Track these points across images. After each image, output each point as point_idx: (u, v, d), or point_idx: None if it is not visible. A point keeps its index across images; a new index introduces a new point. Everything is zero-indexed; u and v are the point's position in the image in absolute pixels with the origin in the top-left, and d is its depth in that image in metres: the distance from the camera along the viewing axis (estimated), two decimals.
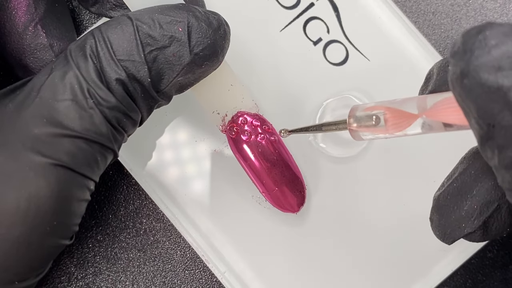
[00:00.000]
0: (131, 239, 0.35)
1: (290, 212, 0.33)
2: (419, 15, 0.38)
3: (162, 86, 0.27)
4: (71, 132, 0.25)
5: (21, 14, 0.29)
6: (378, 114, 0.25)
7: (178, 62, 0.27)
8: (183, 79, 0.27)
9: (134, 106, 0.27)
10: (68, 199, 0.26)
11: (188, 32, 0.26)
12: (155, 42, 0.26)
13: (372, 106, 0.26)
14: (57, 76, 0.26)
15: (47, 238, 0.26)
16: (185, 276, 0.36)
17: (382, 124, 0.25)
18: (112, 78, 0.26)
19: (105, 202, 0.36)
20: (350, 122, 0.26)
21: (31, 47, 0.30)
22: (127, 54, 0.26)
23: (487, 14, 0.38)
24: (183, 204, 0.34)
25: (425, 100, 0.23)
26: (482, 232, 0.25)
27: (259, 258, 0.34)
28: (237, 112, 0.32)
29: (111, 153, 0.27)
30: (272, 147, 0.32)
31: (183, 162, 0.34)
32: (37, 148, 0.25)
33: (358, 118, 0.26)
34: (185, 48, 0.26)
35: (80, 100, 0.25)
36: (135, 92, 0.26)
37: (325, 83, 0.34)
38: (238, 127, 0.32)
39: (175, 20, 0.26)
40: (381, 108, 0.25)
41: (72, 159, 0.26)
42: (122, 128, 0.27)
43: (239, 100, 0.31)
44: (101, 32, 0.26)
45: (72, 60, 0.26)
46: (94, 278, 0.35)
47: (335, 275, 0.34)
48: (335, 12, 0.34)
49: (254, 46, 0.34)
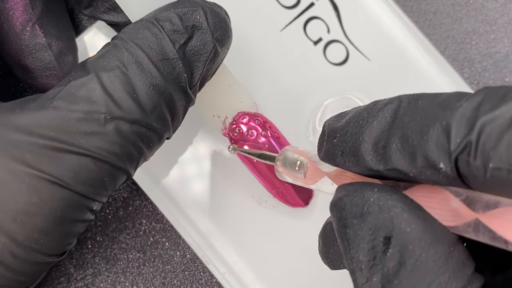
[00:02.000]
0: (131, 240, 0.35)
1: (300, 206, 0.33)
2: (420, 15, 0.38)
3: (194, 81, 0.26)
4: (77, 149, 0.24)
5: (18, 14, 0.29)
6: (303, 161, 0.26)
7: (204, 50, 0.26)
8: (205, 71, 0.27)
9: (165, 114, 0.25)
10: (62, 219, 0.24)
11: (206, 18, 0.26)
12: (181, 36, 0.26)
13: (301, 151, 0.27)
14: (74, 87, 0.24)
15: (33, 255, 0.25)
16: (185, 277, 0.35)
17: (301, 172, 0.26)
18: (147, 84, 0.24)
19: (105, 203, 0.36)
20: (278, 159, 0.28)
21: (30, 47, 0.29)
22: (161, 54, 0.25)
23: (488, 14, 0.38)
24: (183, 204, 0.34)
25: None
26: None
27: (259, 258, 0.34)
28: (237, 113, 0.32)
29: (123, 174, 0.26)
30: (276, 144, 0.32)
31: (183, 162, 0.34)
32: (36, 160, 0.24)
33: (286, 159, 0.27)
34: (207, 34, 0.26)
35: (94, 113, 0.24)
36: (174, 93, 0.25)
37: (325, 83, 0.34)
38: (239, 128, 0.32)
39: (191, 9, 0.26)
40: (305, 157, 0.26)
41: (73, 178, 0.24)
42: (145, 145, 0.25)
43: (238, 101, 0.31)
44: (124, 41, 0.25)
45: (93, 72, 0.24)
46: (94, 279, 0.35)
47: (335, 275, 0.34)
48: (336, 12, 0.34)
49: (254, 46, 0.34)
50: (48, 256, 0.26)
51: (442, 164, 0.18)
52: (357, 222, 0.20)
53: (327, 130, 0.23)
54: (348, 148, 0.21)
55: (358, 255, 0.19)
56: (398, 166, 0.19)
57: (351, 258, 0.20)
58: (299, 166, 0.26)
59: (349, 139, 0.21)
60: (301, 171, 0.26)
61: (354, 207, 0.20)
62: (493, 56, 0.38)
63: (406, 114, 0.20)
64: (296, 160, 0.26)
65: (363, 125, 0.21)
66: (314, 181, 0.26)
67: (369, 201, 0.19)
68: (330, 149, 0.22)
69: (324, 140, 0.23)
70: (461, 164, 0.18)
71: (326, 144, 0.22)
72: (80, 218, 0.25)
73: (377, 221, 0.19)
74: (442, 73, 0.34)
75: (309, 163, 0.26)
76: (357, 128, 0.21)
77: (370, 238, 0.19)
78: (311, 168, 0.26)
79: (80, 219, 0.25)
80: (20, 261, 0.25)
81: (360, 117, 0.21)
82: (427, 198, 0.20)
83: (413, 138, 0.19)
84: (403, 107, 0.20)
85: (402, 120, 0.20)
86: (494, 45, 0.38)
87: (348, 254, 0.20)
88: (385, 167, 0.20)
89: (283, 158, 0.27)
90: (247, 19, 0.34)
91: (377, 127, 0.20)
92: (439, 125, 0.18)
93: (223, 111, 0.31)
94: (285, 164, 0.27)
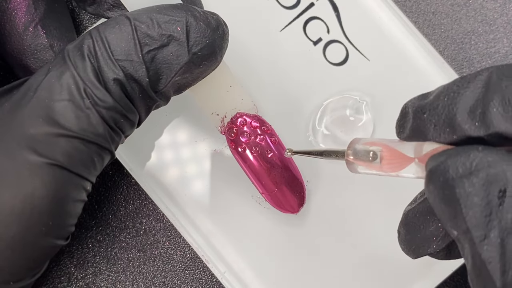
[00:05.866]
0: (131, 239, 0.35)
1: (290, 212, 0.33)
2: (419, 15, 0.38)
3: (160, 86, 0.27)
4: (68, 132, 0.25)
5: (21, 14, 0.29)
6: (376, 150, 0.26)
7: (176, 62, 0.26)
8: (181, 79, 0.27)
9: (131, 107, 0.27)
10: (64, 199, 0.26)
11: (187, 32, 0.26)
12: (154, 42, 0.26)
13: (372, 141, 0.26)
14: (54, 76, 0.26)
15: (42, 238, 0.26)
16: (185, 276, 0.36)
17: (377, 161, 0.25)
18: (110, 78, 0.26)
19: (105, 202, 0.36)
20: (348, 153, 0.27)
21: (32, 47, 0.29)
22: (125, 54, 0.26)
23: (487, 14, 0.38)
24: (183, 204, 0.34)
25: (422, 146, 0.23)
26: (445, 253, 0.25)
27: (259, 258, 0.34)
28: (236, 113, 0.32)
29: (108, 153, 0.27)
30: (271, 148, 0.32)
31: (183, 162, 0.34)
32: (33, 147, 0.25)
33: (356, 151, 0.26)
34: (183, 48, 0.26)
35: (77, 100, 0.25)
36: (133, 92, 0.26)
37: (325, 83, 0.34)
38: (237, 128, 0.32)
39: (174, 19, 0.26)
40: (379, 145, 0.26)
41: (68, 159, 0.25)
42: (119, 129, 0.27)
43: (238, 101, 0.31)
44: (99, 32, 0.26)
45: (70, 60, 0.26)
46: (94, 278, 0.35)
47: (335, 275, 0.34)
48: (335, 12, 0.34)
49: (254, 46, 0.34)
50: (56, 239, 0.27)
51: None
52: (467, 180, 0.19)
53: (411, 108, 0.23)
54: (442, 120, 0.21)
55: (474, 213, 0.19)
56: (500, 129, 0.19)
57: (464, 218, 0.19)
58: (372, 156, 0.25)
59: (442, 111, 0.21)
60: (377, 160, 0.25)
61: (461, 167, 0.20)
62: (492, 56, 0.38)
63: (502, 80, 0.20)
64: (369, 150, 0.26)
65: (455, 97, 0.21)
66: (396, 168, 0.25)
67: (477, 158, 0.19)
68: (419, 124, 0.22)
69: (409, 119, 0.23)
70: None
71: (413, 121, 0.22)
72: (78, 198, 0.27)
73: (489, 176, 0.19)
74: (442, 73, 0.34)
75: (386, 150, 0.25)
76: (449, 100, 0.21)
77: (485, 194, 0.19)
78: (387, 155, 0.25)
79: (79, 199, 0.27)
80: (31, 246, 0.26)
81: (449, 90, 0.21)
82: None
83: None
84: (496, 76, 0.20)
85: (499, 85, 0.20)
86: (493, 45, 0.38)
87: (459, 216, 0.19)
88: (486, 132, 0.20)
89: (354, 151, 0.26)
90: (247, 19, 0.34)
91: (471, 96, 0.20)
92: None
93: (222, 110, 0.31)
94: (358, 157, 0.26)
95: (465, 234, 0.20)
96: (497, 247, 0.19)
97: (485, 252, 0.19)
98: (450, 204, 0.20)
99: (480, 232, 0.19)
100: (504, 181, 0.19)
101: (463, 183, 0.19)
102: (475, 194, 0.19)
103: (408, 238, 0.25)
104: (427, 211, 0.24)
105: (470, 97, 0.20)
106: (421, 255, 0.25)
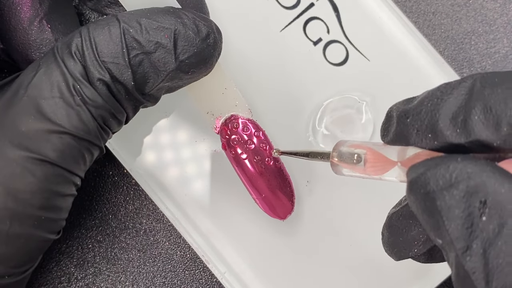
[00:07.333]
0: (131, 240, 0.35)
1: (278, 218, 0.33)
2: (419, 15, 0.38)
3: (147, 89, 0.27)
4: (59, 128, 0.26)
5: (26, 9, 0.29)
6: (360, 153, 0.26)
7: (163, 68, 0.27)
8: (170, 83, 0.28)
9: (119, 107, 0.27)
10: (55, 194, 0.27)
11: (174, 40, 0.26)
12: (141, 47, 0.26)
13: (357, 144, 0.26)
14: (44, 73, 0.26)
15: (35, 233, 0.27)
16: (185, 277, 0.36)
17: (361, 164, 0.26)
18: (95, 78, 0.26)
19: (105, 203, 0.36)
20: (333, 155, 0.27)
21: (37, 42, 0.30)
22: (111, 57, 0.26)
23: (487, 14, 0.38)
24: (183, 204, 0.34)
25: (405, 150, 0.23)
26: (426, 257, 0.25)
27: (259, 258, 0.34)
28: (231, 116, 0.32)
29: (98, 149, 0.28)
30: (262, 154, 0.32)
31: (183, 162, 0.34)
32: (24, 144, 0.25)
33: (341, 153, 0.27)
34: (170, 55, 0.26)
35: (67, 97, 0.26)
36: (119, 93, 0.26)
37: (325, 83, 0.34)
38: (230, 130, 0.32)
39: (162, 26, 0.26)
40: (364, 148, 0.26)
41: (59, 155, 0.26)
42: (107, 127, 0.27)
43: (232, 104, 0.31)
44: (88, 32, 0.26)
45: (59, 58, 0.26)
46: (94, 279, 0.35)
47: (335, 275, 0.34)
48: (335, 12, 0.34)
49: (254, 46, 0.34)
50: (48, 233, 0.27)
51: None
52: (447, 193, 0.19)
53: (395, 112, 0.23)
54: (424, 126, 0.21)
55: (456, 225, 0.19)
56: (481, 137, 0.19)
57: (446, 230, 0.19)
58: (357, 158, 0.26)
59: (425, 117, 0.21)
60: (361, 163, 0.26)
61: (441, 179, 0.19)
62: (492, 56, 0.38)
63: (485, 87, 0.20)
64: (354, 153, 0.26)
65: (438, 103, 0.21)
66: (379, 171, 0.25)
67: (456, 170, 0.19)
68: (402, 129, 0.22)
69: (393, 123, 0.23)
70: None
71: (397, 125, 0.22)
72: (69, 193, 0.27)
73: (469, 188, 0.19)
74: (442, 73, 0.34)
75: (370, 153, 0.25)
76: (432, 106, 0.21)
77: (465, 206, 0.19)
78: (371, 158, 0.25)
79: (69, 194, 0.28)
80: (24, 241, 0.26)
81: (433, 96, 0.21)
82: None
83: (497, 108, 0.19)
84: (479, 83, 0.20)
85: (481, 93, 0.20)
86: (494, 45, 0.38)
87: (442, 227, 0.19)
88: (467, 139, 0.20)
89: (339, 153, 0.27)
90: (247, 20, 0.34)
91: (454, 102, 0.20)
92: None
93: (217, 111, 0.32)
94: (342, 159, 0.27)
95: (448, 245, 0.20)
96: (479, 257, 0.19)
97: (468, 263, 0.19)
98: (432, 216, 0.20)
99: (462, 244, 0.19)
100: (484, 192, 0.19)
101: (443, 195, 0.19)
102: (456, 207, 0.19)
103: (391, 240, 0.25)
104: (409, 215, 0.24)
105: (453, 103, 0.20)
106: (402, 258, 0.25)
